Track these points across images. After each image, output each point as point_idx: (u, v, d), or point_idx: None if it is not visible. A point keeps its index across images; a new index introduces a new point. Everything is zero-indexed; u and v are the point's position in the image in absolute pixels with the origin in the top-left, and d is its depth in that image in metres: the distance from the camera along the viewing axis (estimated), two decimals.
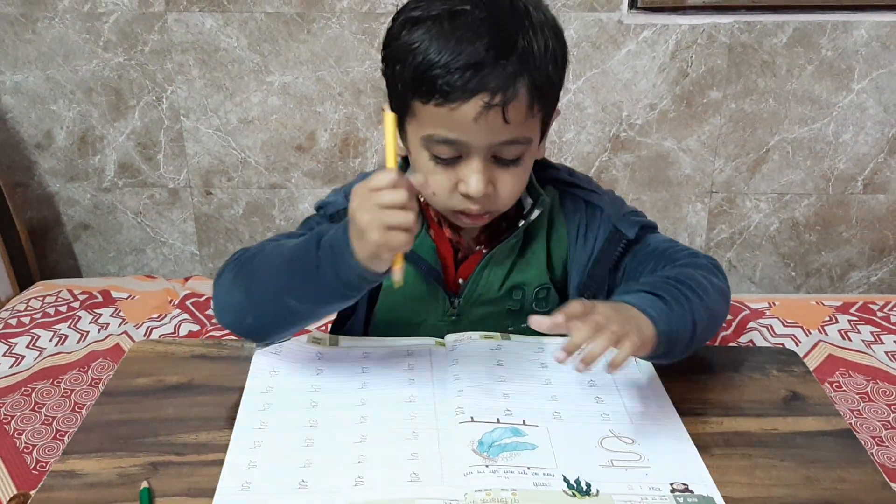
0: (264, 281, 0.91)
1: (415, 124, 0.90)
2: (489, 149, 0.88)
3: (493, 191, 0.91)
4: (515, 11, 0.85)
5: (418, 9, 0.87)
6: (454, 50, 0.83)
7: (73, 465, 0.84)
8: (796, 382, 1.00)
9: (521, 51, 0.84)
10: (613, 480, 0.81)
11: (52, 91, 1.96)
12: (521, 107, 0.85)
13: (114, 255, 2.14)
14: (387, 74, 0.91)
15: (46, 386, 1.51)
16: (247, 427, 0.89)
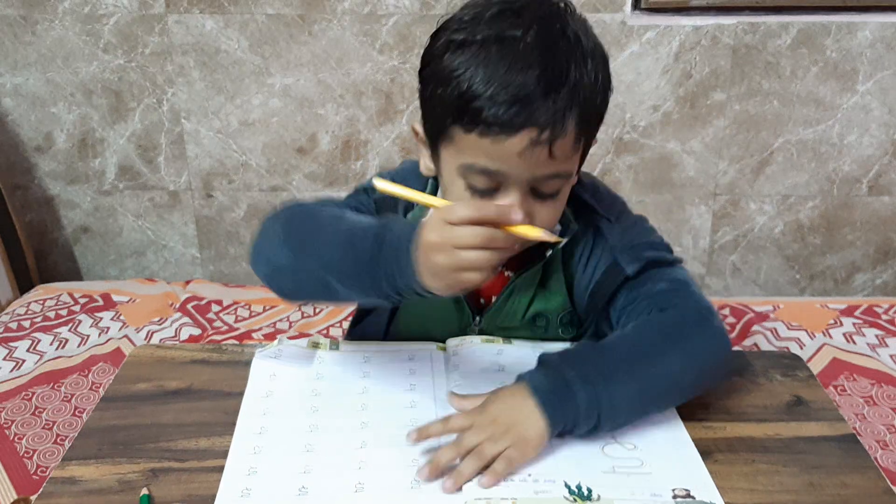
0: (314, 252, 0.86)
1: (452, 150, 0.85)
2: (529, 182, 0.84)
3: (529, 223, 0.85)
4: (567, 39, 0.81)
5: (462, 30, 0.81)
6: (503, 80, 0.78)
7: (72, 472, 0.84)
8: (800, 387, 1.00)
9: (573, 83, 0.79)
10: (615, 486, 0.81)
11: (52, 93, 1.95)
12: (568, 142, 0.82)
13: (114, 258, 2.14)
14: (424, 96, 0.87)
15: (47, 390, 1.51)
16: (246, 432, 0.88)
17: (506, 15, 0.81)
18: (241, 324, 1.74)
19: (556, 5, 0.83)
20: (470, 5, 0.85)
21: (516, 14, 0.81)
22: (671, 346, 0.89)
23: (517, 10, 0.81)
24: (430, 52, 0.85)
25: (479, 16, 0.82)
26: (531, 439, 0.82)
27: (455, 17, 0.84)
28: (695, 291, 0.96)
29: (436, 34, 0.86)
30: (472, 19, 0.82)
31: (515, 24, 0.80)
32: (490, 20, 0.81)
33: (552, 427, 0.82)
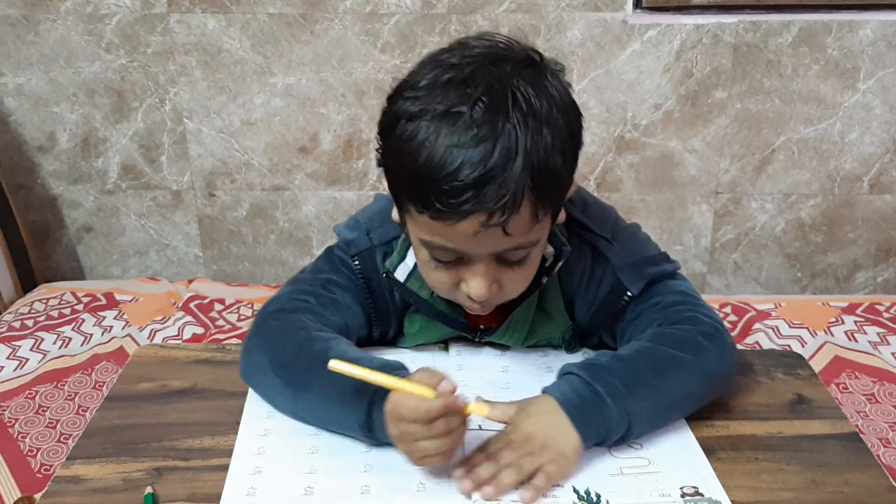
0: (312, 405, 0.88)
1: (413, 223, 0.84)
2: (492, 255, 0.83)
3: (499, 289, 0.86)
4: (518, 107, 0.76)
5: (415, 101, 0.78)
6: (449, 162, 0.75)
7: (77, 471, 0.84)
8: (802, 385, 1.00)
9: (523, 157, 0.75)
10: (623, 490, 0.81)
11: (55, 93, 1.95)
12: (524, 219, 0.79)
13: (117, 257, 2.14)
14: (382, 163, 0.85)
15: (50, 389, 1.51)
16: (251, 433, 0.89)
17: (455, 84, 0.77)
18: (243, 323, 1.74)
19: (509, 63, 0.79)
20: (428, 64, 0.81)
21: (465, 83, 0.76)
22: (689, 360, 0.89)
23: (466, 78, 0.77)
24: (386, 118, 0.82)
25: (432, 83, 0.78)
26: (567, 454, 0.82)
27: (411, 80, 0.81)
28: (702, 304, 0.97)
29: (392, 97, 0.82)
30: (425, 87, 0.78)
31: (463, 96, 0.76)
32: (441, 90, 0.77)
33: (586, 440, 0.83)
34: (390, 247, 0.97)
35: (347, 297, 0.97)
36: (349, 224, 1.00)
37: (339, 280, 0.98)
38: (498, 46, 0.81)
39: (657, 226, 2.03)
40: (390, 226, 0.95)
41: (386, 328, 1.02)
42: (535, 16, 1.85)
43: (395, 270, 0.96)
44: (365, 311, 0.99)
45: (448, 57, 0.80)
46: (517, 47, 0.82)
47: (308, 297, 0.96)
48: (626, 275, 0.96)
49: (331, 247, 1.01)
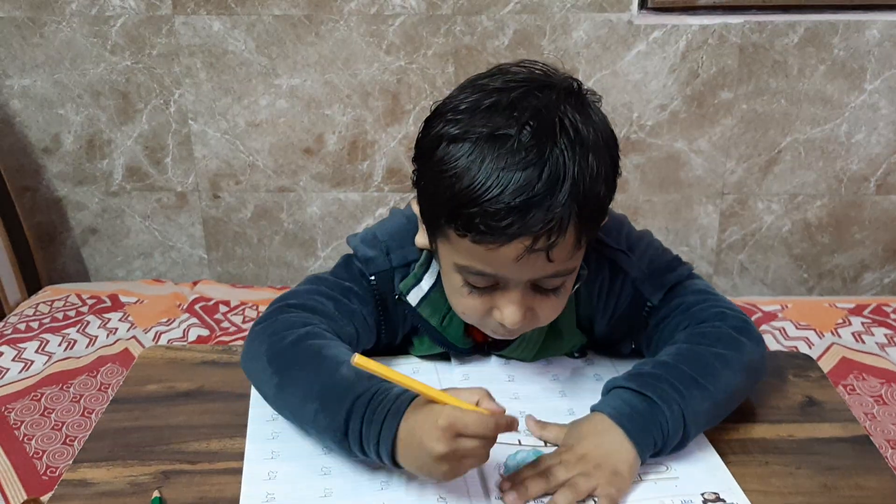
0: (294, 401, 0.86)
1: (448, 247, 0.82)
2: (529, 281, 0.82)
3: (532, 316, 0.85)
4: (565, 133, 0.75)
5: (457, 123, 0.77)
6: (495, 184, 0.73)
7: (84, 474, 0.84)
8: (812, 387, 1.00)
9: (570, 183, 0.74)
10: (645, 497, 0.81)
11: (60, 95, 1.95)
12: (568, 244, 0.78)
13: (122, 259, 2.14)
14: (418, 184, 0.83)
15: (56, 391, 1.51)
16: (259, 437, 0.88)
17: (500, 108, 0.76)
18: (249, 324, 1.74)
19: (554, 90, 0.78)
20: (468, 88, 0.80)
21: (511, 107, 0.76)
22: (730, 355, 0.89)
23: (512, 102, 0.76)
24: (425, 140, 0.81)
25: (474, 106, 0.77)
26: (624, 473, 0.81)
27: (451, 103, 0.79)
28: (723, 299, 0.97)
29: (431, 119, 0.81)
30: (467, 110, 0.77)
31: (509, 119, 0.75)
32: (485, 113, 0.76)
33: (643, 452, 0.82)
34: (407, 270, 0.96)
35: (365, 308, 0.96)
36: (367, 239, 0.97)
37: (358, 291, 0.96)
38: (539, 73, 0.81)
39: (663, 226, 2.03)
40: (410, 248, 0.94)
41: (393, 339, 1.01)
42: (540, 16, 1.84)
43: (409, 294, 0.94)
44: (376, 324, 0.98)
45: (489, 82, 0.79)
46: (558, 75, 0.81)
47: (328, 301, 0.94)
48: (645, 286, 0.95)
49: (350, 256, 0.99)
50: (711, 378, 0.87)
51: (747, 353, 0.91)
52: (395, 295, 0.95)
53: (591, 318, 0.98)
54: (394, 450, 0.77)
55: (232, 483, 0.82)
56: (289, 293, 0.97)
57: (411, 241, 0.92)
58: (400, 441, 0.77)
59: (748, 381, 0.92)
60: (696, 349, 0.89)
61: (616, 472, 0.80)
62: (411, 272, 0.95)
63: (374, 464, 0.82)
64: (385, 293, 0.96)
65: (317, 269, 2.07)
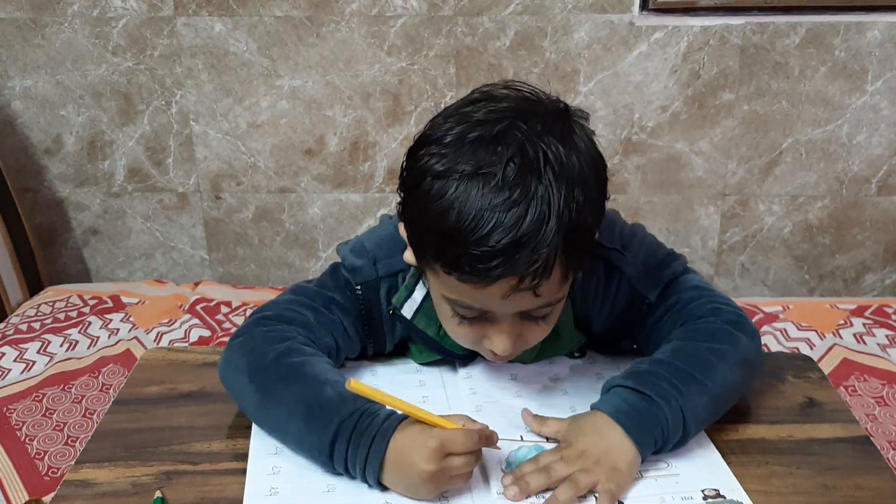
0: (277, 419, 0.86)
1: (436, 279, 0.82)
2: (517, 312, 0.83)
3: (521, 341, 0.86)
4: (549, 166, 0.74)
5: (441, 158, 0.76)
6: (481, 225, 0.73)
7: (86, 475, 0.84)
8: (812, 388, 1.00)
9: (557, 219, 0.74)
10: (645, 494, 0.81)
11: (62, 96, 1.96)
12: (554, 281, 0.78)
13: (123, 259, 2.14)
14: (404, 213, 0.83)
15: (57, 392, 1.51)
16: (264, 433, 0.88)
17: (484, 142, 0.75)
18: None
19: (539, 119, 0.77)
20: (452, 117, 0.79)
21: (495, 141, 0.75)
22: (726, 350, 0.90)
23: (496, 136, 0.75)
24: (410, 173, 0.80)
25: (459, 139, 0.76)
26: (624, 469, 0.81)
27: (435, 134, 0.78)
28: (718, 294, 0.98)
29: (415, 150, 0.80)
30: (451, 143, 0.76)
31: (493, 156, 0.74)
32: (469, 148, 0.75)
33: (643, 449, 0.83)
34: (395, 280, 0.96)
35: (347, 319, 0.96)
36: (355, 248, 0.97)
37: (342, 301, 0.96)
38: (525, 100, 0.80)
39: (664, 228, 2.03)
40: (396, 258, 0.93)
41: (381, 348, 1.01)
42: (541, 17, 1.85)
43: (402, 307, 0.94)
44: (361, 335, 0.98)
45: (473, 111, 0.78)
46: (545, 99, 0.81)
47: (307, 311, 0.94)
48: (641, 283, 0.95)
49: (337, 265, 0.99)
50: (708, 373, 0.87)
51: (742, 346, 0.91)
52: (390, 309, 0.95)
53: (588, 316, 0.99)
54: (380, 471, 0.79)
55: (233, 483, 0.82)
56: (268, 304, 0.97)
57: (399, 250, 0.92)
58: (387, 462, 0.79)
59: (745, 375, 0.92)
60: (691, 345, 0.90)
61: (615, 469, 0.80)
62: (400, 282, 0.95)
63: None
64: (370, 303, 0.96)
65: (318, 270, 2.07)
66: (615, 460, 0.81)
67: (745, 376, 0.92)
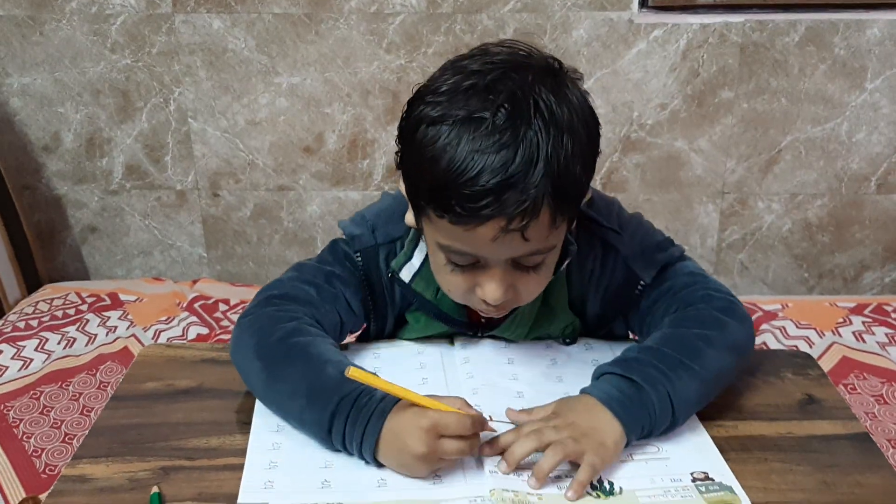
0: (281, 396, 0.88)
1: (430, 227, 0.84)
2: (509, 260, 0.83)
3: (514, 293, 0.86)
4: (540, 114, 0.76)
5: (437, 105, 0.78)
6: (470, 167, 0.75)
7: (83, 470, 0.84)
8: (812, 385, 0.99)
9: (544, 164, 0.75)
10: (635, 476, 0.82)
11: (60, 93, 1.95)
12: (543, 224, 0.79)
13: (121, 257, 2.14)
14: (401, 166, 0.85)
15: (55, 389, 1.51)
16: (264, 428, 0.89)
17: (477, 90, 0.77)
18: None
19: (531, 71, 0.79)
20: (449, 69, 0.81)
21: (487, 90, 0.77)
22: (715, 336, 0.90)
23: (488, 84, 0.77)
24: (406, 123, 0.82)
25: (453, 88, 0.78)
26: (610, 446, 0.82)
27: (432, 85, 0.81)
28: (712, 280, 0.99)
29: (413, 101, 0.82)
30: (446, 92, 0.78)
31: (485, 102, 0.76)
32: (462, 96, 0.77)
33: (630, 433, 0.83)
34: (393, 246, 0.98)
35: (348, 291, 0.98)
36: (355, 219, 1.00)
37: (342, 274, 0.98)
38: (519, 54, 0.82)
39: (663, 226, 2.02)
40: (395, 225, 0.96)
41: (383, 323, 1.03)
42: (540, 15, 1.84)
43: (401, 271, 0.96)
44: (364, 306, 1.00)
45: (469, 63, 0.80)
46: (538, 55, 0.82)
47: (310, 287, 0.96)
48: (637, 264, 0.96)
49: (336, 240, 1.02)
50: (696, 358, 0.88)
51: (731, 331, 0.92)
52: (388, 273, 0.97)
53: (583, 297, 1.00)
54: (376, 448, 0.81)
55: (231, 479, 0.82)
56: (273, 283, 0.99)
57: (397, 219, 0.94)
58: (383, 440, 0.80)
59: (734, 361, 0.92)
60: (680, 332, 0.91)
61: (602, 444, 0.81)
62: (398, 249, 0.97)
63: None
64: (370, 270, 0.98)
65: None
66: (603, 437, 0.82)
67: (735, 362, 0.93)
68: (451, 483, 0.80)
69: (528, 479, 0.80)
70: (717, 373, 0.89)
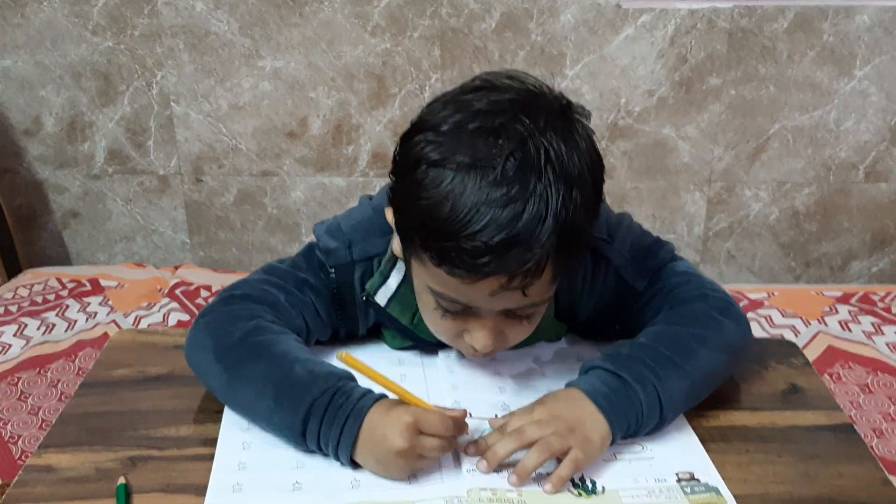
0: (245, 398, 0.84)
1: (422, 269, 0.79)
2: (502, 309, 0.81)
3: (502, 339, 0.84)
4: (550, 164, 0.72)
5: (437, 147, 0.73)
6: (475, 219, 0.70)
7: (49, 459, 0.82)
8: (796, 374, 0.98)
9: (553, 219, 0.71)
10: (619, 475, 0.80)
11: (41, 76, 1.92)
12: (544, 281, 0.76)
13: (103, 243, 2.11)
14: (394, 199, 0.80)
15: (33, 375, 1.49)
16: (233, 427, 0.86)
17: (483, 134, 0.72)
18: None
19: (542, 114, 0.74)
20: (451, 104, 0.76)
21: (495, 134, 0.72)
22: (709, 336, 0.88)
23: (497, 128, 0.72)
24: (403, 159, 0.77)
25: (457, 128, 0.73)
26: (595, 442, 0.80)
27: (432, 120, 0.76)
28: (706, 280, 0.96)
29: (410, 135, 0.77)
30: (449, 132, 0.73)
31: (493, 148, 0.71)
32: (467, 138, 0.72)
33: (616, 431, 0.81)
34: (370, 264, 0.93)
35: (319, 302, 0.93)
36: (331, 229, 0.95)
37: (315, 284, 0.94)
38: (528, 92, 0.77)
39: (650, 214, 2.01)
40: (372, 241, 0.92)
41: (355, 332, 0.99)
42: (527, 0, 1.82)
43: (376, 294, 0.92)
44: (330, 318, 0.96)
45: (473, 99, 0.75)
46: (548, 94, 0.78)
47: (278, 292, 0.92)
48: (629, 273, 0.94)
49: (312, 245, 0.97)
50: (688, 358, 0.86)
51: (726, 332, 0.90)
52: (363, 295, 0.93)
53: (572, 305, 0.97)
54: (353, 448, 0.78)
55: (199, 470, 0.80)
56: (238, 283, 0.94)
57: (375, 234, 0.91)
58: (361, 438, 0.78)
59: (728, 362, 0.91)
60: (673, 329, 0.89)
61: (588, 440, 0.79)
62: (374, 267, 0.93)
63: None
64: (343, 286, 0.94)
65: None
66: (589, 432, 0.80)
67: (728, 363, 0.91)
68: (426, 483, 0.78)
69: (508, 477, 0.78)
70: (709, 374, 0.88)
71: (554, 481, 0.77)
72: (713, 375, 0.89)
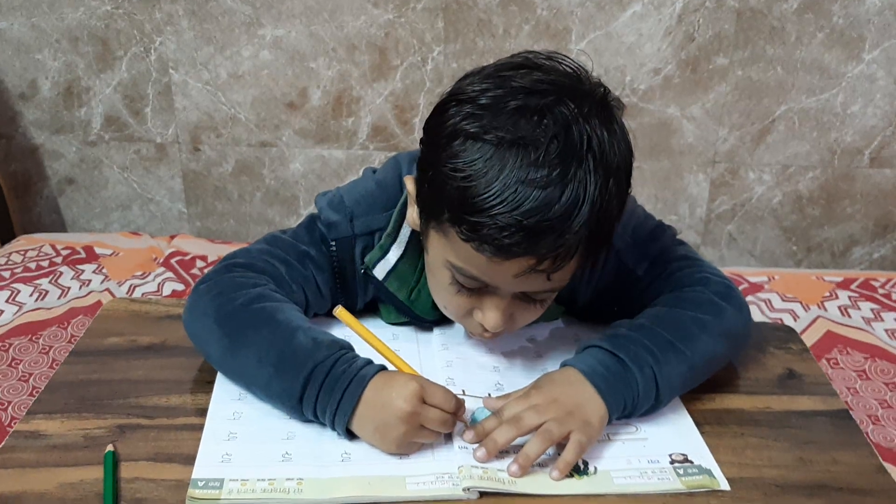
0: (245, 364, 0.84)
1: (444, 242, 0.79)
2: (520, 292, 0.80)
3: (511, 320, 0.83)
4: (591, 152, 0.71)
5: (477, 119, 0.72)
6: (511, 198, 0.70)
7: (37, 426, 0.81)
8: (793, 360, 0.98)
9: (589, 208, 0.71)
10: (611, 456, 0.80)
11: (37, 39, 1.90)
12: (570, 267, 0.76)
13: (99, 210, 2.10)
14: (423, 169, 0.79)
15: (24, 342, 1.48)
16: (225, 397, 0.85)
17: (527, 113, 0.71)
18: None
19: (586, 101, 0.74)
20: (491, 78, 0.75)
21: (539, 114, 0.71)
22: (710, 321, 0.88)
23: (541, 108, 0.71)
24: (438, 129, 0.76)
25: (498, 103, 0.72)
26: (595, 424, 0.79)
27: (471, 92, 0.75)
28: (707, 264, 0.96)
29: (446, 105, 0.77)
30: (490, 106, 0.73)
31: (537, 129, 0.71)
32: (510, 115, 0.71)
33: (613, 411, 0.81)
34: (371, 238, 0.93)
35: (320, 275, 0.93)
36: (333, 201, 0.94)
37: (316, 257, 0.93)
38: (569, 76, 0.76)
39: (652, 195, 1.99)
40: (375, 216, 0.92)
41: (353, 306, 0.98)
42: None
43: (375, 267, 0.92)
44: (331, 293, 0.95)
45: (515, 76, 0.75)
46: (589, 81, 0.77)
47: (279, 263, 0.92)
48: (630, 257, 0.93)
49: (314, 217, 0.96)
50: (688, 343, 0.85)
51: (728, 318, 0.89)
52: (361, 268, 0.93)
53: (572, 288, 0.95)
54: (351, 416, 0.77)
55: (189, 439, 0.79)
56: (239, 251, 0.94)
57: (378, 208, 0.90)
58: (362, 403, 0.77)
59: (728, 348, 0.90)
60: (674, 312, 0.88)
61: (588, 422, 0.79)
62: (375, 241, 0.92)
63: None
64: (344, 260, 0.94)
65: None
66: (588, 414, 0.79)
67: (729, 349, 0.90)
68: (417, 459, 0.78)
69: (508, 466, 0.76)
70: (707, 359, 0.87)
71: (560, 467, 0.76)
72: (712, 361, 0.88)
